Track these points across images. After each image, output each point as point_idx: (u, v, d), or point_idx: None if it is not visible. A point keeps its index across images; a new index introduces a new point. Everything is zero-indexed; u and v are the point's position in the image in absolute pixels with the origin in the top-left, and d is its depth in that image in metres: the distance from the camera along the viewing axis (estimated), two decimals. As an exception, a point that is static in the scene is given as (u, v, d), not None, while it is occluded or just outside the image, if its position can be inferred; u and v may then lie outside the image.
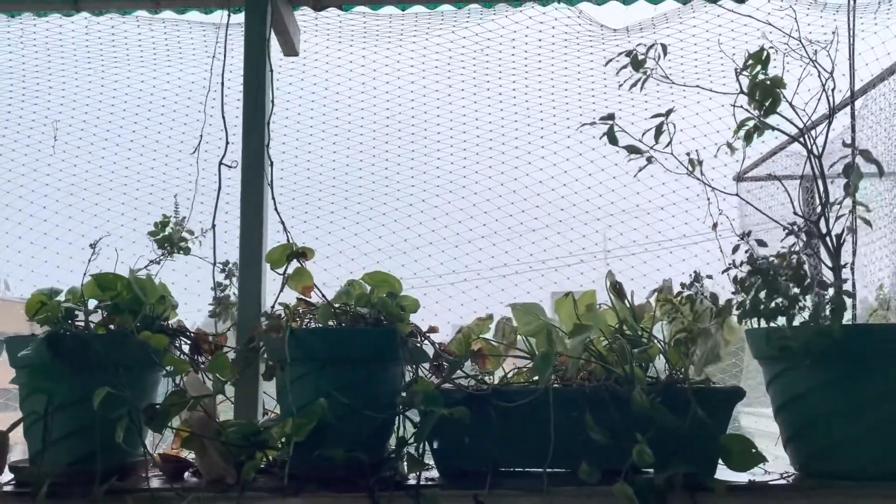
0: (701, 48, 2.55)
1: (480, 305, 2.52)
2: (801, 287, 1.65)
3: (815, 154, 1.99)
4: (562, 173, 2.58)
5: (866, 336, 1.69)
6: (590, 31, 2.56)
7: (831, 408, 1.65)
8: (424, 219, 2.47)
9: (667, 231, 2.64)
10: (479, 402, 1.68)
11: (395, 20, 2.60)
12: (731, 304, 1.70)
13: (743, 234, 1.71)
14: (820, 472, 1.69)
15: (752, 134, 1.99)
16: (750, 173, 3.76)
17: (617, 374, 1.70)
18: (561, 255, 2.59)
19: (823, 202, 1.89)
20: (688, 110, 2.49)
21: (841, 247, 1.86)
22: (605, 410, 1.64)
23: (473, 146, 2.54)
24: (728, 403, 1.72)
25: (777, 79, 1.97)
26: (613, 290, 1.96)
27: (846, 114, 3.36)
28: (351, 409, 1.67)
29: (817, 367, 1.65)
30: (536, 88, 2.55)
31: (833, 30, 2.31)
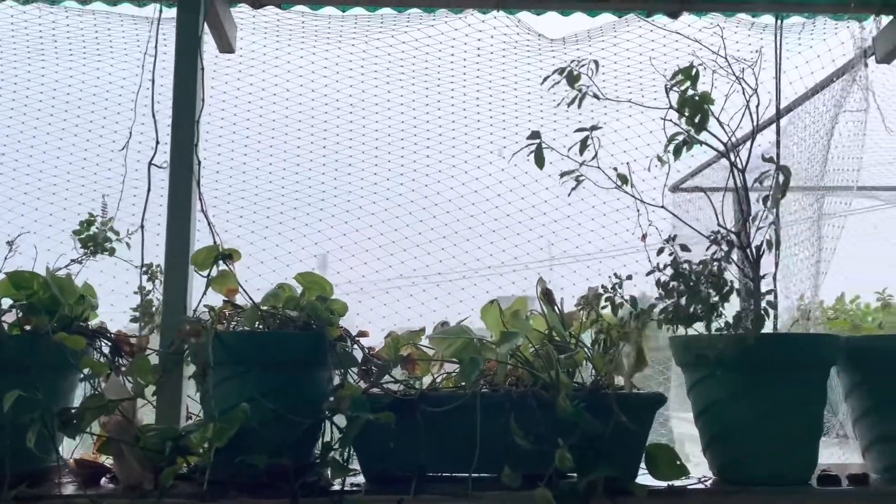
0: (634, 62, 2.61)
1: (427, 309, 2.52)
2: (721, 294, 1.69)
3: (739, 168, 2.05)
4: (508, 179, 2.59)
5: (781, 345, 1.75)
6: (528, 40, 2.60)
7: (748, 414, 1.70)
8: (361, 225, 2.45)
9: (610, 238, 2.67)
10: (406, 407, 1.68)
11: (334, 21, 2.58)
12: (653, 309, 1.74)
13: (668, 237, 1.76)
14: (737, 477, 1.73)
15: (681, 148, 2.03)
16: (688, 184, 3.86)
17: (543, 380, 1.72)
18: (507, 261, 2.61)
19: (745, 215, 1.95)
20: (620, 123, 2.55)
21: (761, 258, 1.92)
22: (530, 416, 1.66)
23: (411, 152, 2.54)
24: (650, 409, 1.76)
25: (706, 95, 2.02)
26: (543, 296, 1.98)
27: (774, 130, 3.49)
28: (276, 413, 1.64)
29: (734, 374, 1.70)
30: (475, 97, 2.56)
31: (758, 48, 2.40)
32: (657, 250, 1.76)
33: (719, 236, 1.75)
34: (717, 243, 1.75)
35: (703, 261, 1.73)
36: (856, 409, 1.86)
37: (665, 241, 1.76)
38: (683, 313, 1.68)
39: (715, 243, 1.75)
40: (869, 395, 1.81)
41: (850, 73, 2.92)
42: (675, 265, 1.72)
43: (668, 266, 1.74)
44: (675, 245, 1.75)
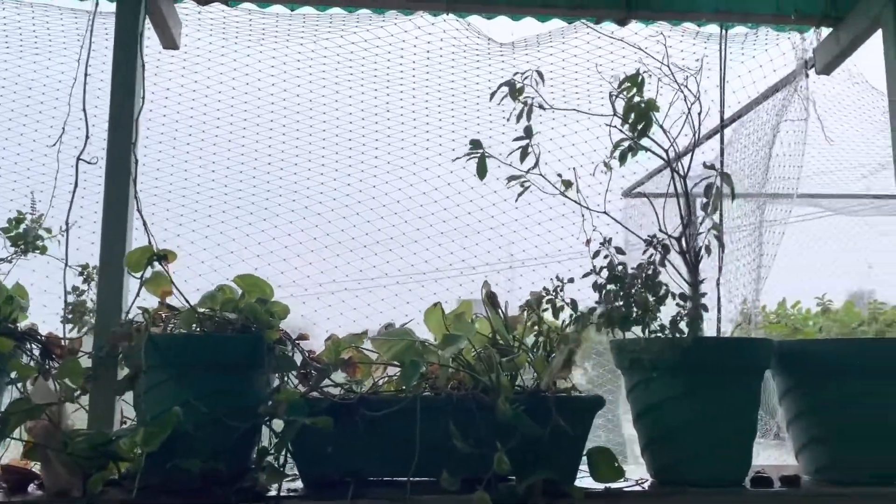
0: (582, 68, 2.64)
1: (374, 311, 2.49)
2: (657, 298, 1.72)
3: (681, 174, 2.08)
4: (457, 182, 2.58)
5: (716, 349, 1.78)
6: (477, 44, 2.60)
7: (683, 417, 1.73)
8: (307, 226, 2.42)
9: (563, 241, 2.68)
10: (345, 411, 1.66)
11: (282, 20, 2.55)
12: (592, 312, 1.76)
13: (604, 240, 1.77)
14: (673, 479, 1.76)
15: (626, 154, 2.06)
16: (641, 188, 3.91)
17: (484, 383, 1.72)
18: (455, 263, 2.60)
19: (685, 220, 1.98)
20: (568, 129, 2.57)
21: (699, 262, 1.95)
22: (470, 419, 1.65)
23: (359, 153, 2.51)
24: (589, 412, 1.77)
25: (651, 102, 2.04)
26: (488, 300, 1.98)
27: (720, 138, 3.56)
28: (211, 418, 1.61)
29: (671, 378, 1.72)
30: (424, 99, 2.55)
31: (700, 57, 2.45)
32: (593, 254, 1.77)
33: (655, 240, 1.78)
34: (654, 247, 1.77)
35: (640, 264, 1.75)
36: (789, 411, 1.90)
37: (601, 244, 1.77)
38: (619, 317, 1.69)
39: (651, 247, 1.77)
40: (801, 399, 1.85)
41: (791, 84, 2.99)
42: (612, 269, 1.74)
43: (604, 269, 1.75)
44: (611, 248, 1.77)
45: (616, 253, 1.77)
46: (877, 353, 1.83)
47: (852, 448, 1.77)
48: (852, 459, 1.77)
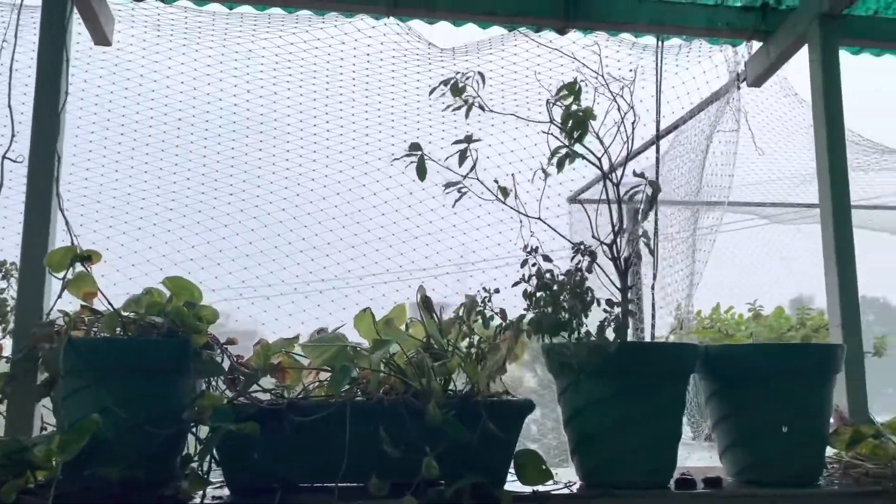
0: (522, 75, 2.66)
1: (309, 317, 2.47)
2: (583, 304, 1.74)
3: (614, 182, 2.11)
4: (396, 187, 2.58)
5: (642, 353, 1.81)
6: (418, 48, 2.60)
7: (610, 421, 1.75)
8: (242, 229, 2.38)
9: (519, 242, 2.68)
10: (273, 417, 1.64)
11: (219, 18, 2.51)
12: (522, 318, 1.78)
13: (530, 249, 1.79)
14: (600, 482, 1.79)
15: (564, 161, 2.08)
16: (588, 194, 3.98)
17: (415, 388, 1.72)
18: (391, 269, 2.60)
19: (616, 227, 2.02)
20: (507, 136, 2.59)
21: (628, 269, 1.99)
22: (401, 424, 1.65)
23: (297, 156, 2.49)
24: (519, 416, 1.78)
25: (588, 110, 2.07)
26: (423, 304, 1.98)
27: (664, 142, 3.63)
28: (132, 424, 1.57)
29: (598, 382, 1.75)
30: (363, 102, 2.54)
31: (636, 68, 2.50)
32: (521, 262, 1.79)
33: (582, 247, 1.80)
34: (581, 254, 1.80)
35: (568, 271, 1.78)
36: (714, 415, 1.95)
37: (528, 252, 1.79)
38: (548, 323, 1.71)
39: (578, 254, 1.80)
40: (724, 402, 1.90)
41: (725, 96, 3.09)
42: (540, 276, 1.76)
43: (532, 277, 1.77)
44: (538, 256, 1.79)
45: (543, 260, 1.79)
46: (793, 357, 1.89)
47: (771, 450, 1.82)
48: (771, 461, 1.82)
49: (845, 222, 2.31)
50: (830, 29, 2.46)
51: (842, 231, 2.31)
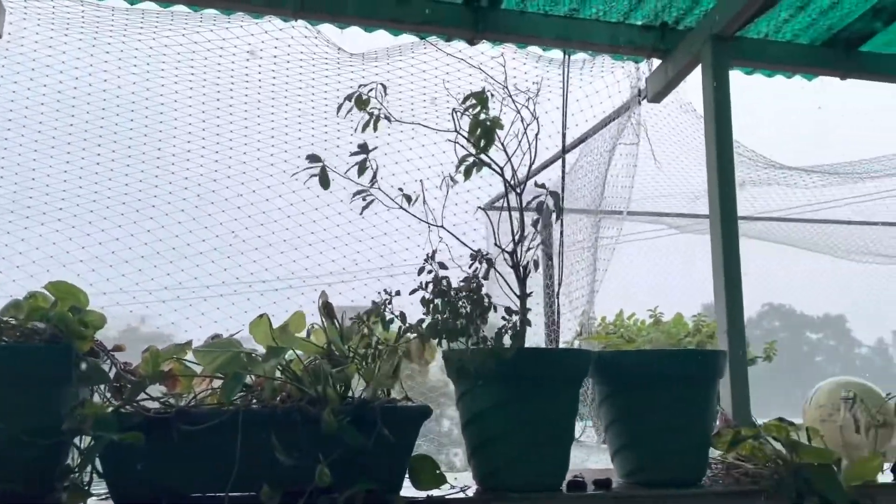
0: (430, 84, 2.69)
1: (207, 321, 2.41)
2: (480, 310, 1.77)
3: (517, 191, 2.15)
4: (301, 189, 2.55)
5: (536, 359, 1.85)
6: (327, 52, 2.59)
7: (505, 425, 1.79)
8: (138, 230, 2.30)
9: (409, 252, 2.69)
10: (160, 426, 1.59)
11: (119, 14, 2.42)
12: (421, 323, 1.79)
13: (427, 256, 1.81)
14: (495, 485, 1.81)
15: (471, 169, 2.11)
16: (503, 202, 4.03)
17: (310, 395, 1.70)
18: (297, 272, 2.56)
19: (518, 235, 2.06)
20: (416, 142, 2.61)
21: (527, 276, 2.03)
22: (295, 432, 1.63)
23: (198, 156, 2.43)
24: (415, 421, 1.79)
25: (495, 119, 2.10)
26: (324, 310, 1.97)
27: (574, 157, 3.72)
28: (9, 435, 1.49)
29: (493, 387, 1.78)
30: (269, 104, 2.50)
31: (541, 79, 2.56)
32: (418, 269, 1.81)
33: (480, 255, 1.83)
34: (479, 261, 1.82)
35: (466, 277, 1.81)
36: (606, 418, 2.01)
37: (425, 260, 1.81)
38: (445, 329, 1.73)
39: (476, 261, 1.83)
40: (615, 406, 1.96)
41: (628, 110, 3.20)
42: (437, 283, 1.78)
43: (429, 284, 1.79)
44: (435, 264, 1.81)
45: (440, 268, 1.81)
46: (678, 363, 1.98)
47: (658, 452, 1.90)
48: (658, 463, 1.90)
49: (732, 233, 2.43)
50: (722, 50, 2.59)
51: (728, 241, 2.43)
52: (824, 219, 5.26)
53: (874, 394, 2.18)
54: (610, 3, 2.75)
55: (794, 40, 3.02)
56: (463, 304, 1.78)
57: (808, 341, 39.39)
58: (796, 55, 3.02)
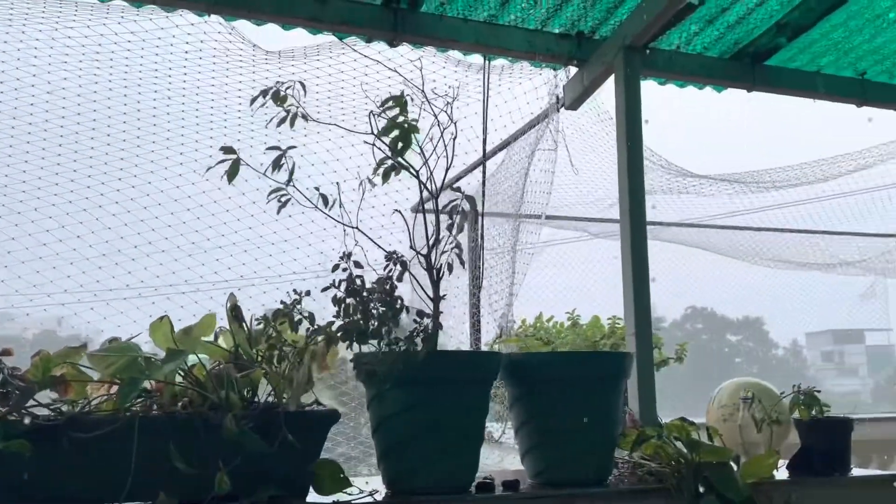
0: (349, 85, 2.66)
1: (127, 320, 2.31)
2: (393, 312, 1.76)
3: (434, 195, 2.15)
4: (213, 190, 2.48)
5: (445, 361, 1.85)
6: (241, 49, 2.53)
7: (415, 428, 1.78)
8: (36, 230, 2.19)
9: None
10: (50, 434, 1.52)
11: (19, 2, 2.30)
12: (331, 324, 1.76)
13: (343, 254, 1.79)
14: (404, 488, 1.80)
15: (389, 172, 2.10)
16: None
17: (212, 401, 1.66)
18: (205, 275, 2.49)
19: (433, 238, 2.06)
20: (333, 143, 2.57)
21: (440, 279, 2.03)
22: (196, 438, 1.59)
23: (103, 153, 2.33)
24: (323, 426, 1.77)
25: (413, 124, 2.10)
26: (232, 313, 1.92)
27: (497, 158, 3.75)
28: None
29: (403, 391, 1.77)
30: (181, 102, 2.43)
31: (459, 83, 2.57)
32: (332, 267, 1.79)
33: (394, 256, 1.82)
34: (393, 263, 1.81)
35: (379, 279, 1.79)
36: (516, 420, 2.03)
37: (340, 258, 1.79)
38: (356, 330, 1.71)
39: (390, 262, 1.81)
40: (525, 408, 1.98)
41: (548, 117, 3.25)
42: (351, 283, 1.76)
43: (343, 283, 1.77)
44: (350, 263, 1.79)
45: (355, 267, 1.79)
46: (585, 365, 2.01)
47: (565, 452, 1.93)
48: (565, 463, 1.93)
49: (641, 238, 2.49)
50: (633, 60, 2.66)
51: (637, 246, 2.49)
52: (737, 225, 5.48)
53: (772, 393, 2.28)
54: (528, 11, 2.79)
55: (704, 53, 3.13)
56: (375, 305, 1.77)
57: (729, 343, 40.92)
58: (706, 67, 3.13)
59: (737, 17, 2.92)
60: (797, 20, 2.97)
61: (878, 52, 3.24)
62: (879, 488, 2.20)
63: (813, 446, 2.18)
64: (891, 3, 2.94)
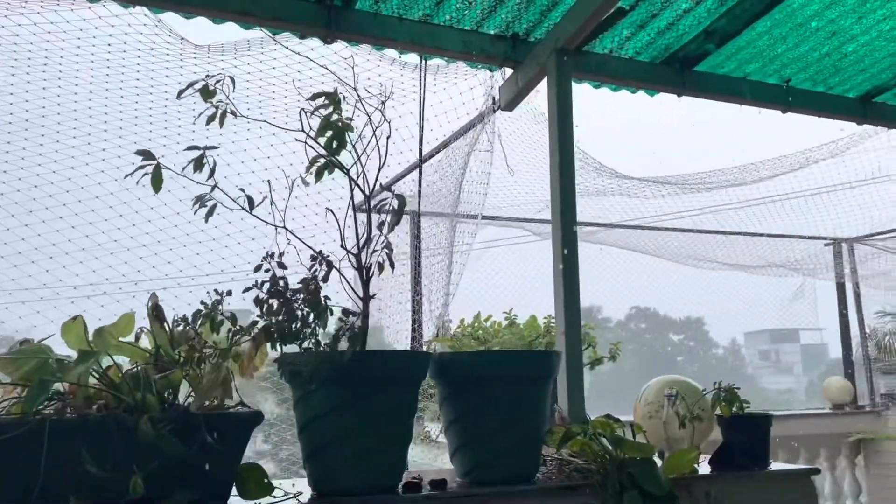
0: (280, 81, 2.62)
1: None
2: (318, 313, 1.74)
3: (366, 194, 2.14)
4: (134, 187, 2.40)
5: (369, 362, 1.83)
6: (168, 42, 2.46)
7: (341, 429, 1.76)
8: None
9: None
10: (-50, 439, 1.45)
11: (-72, -11, 2.20)
12: (254, 325, 1.73)
13: (266, 254, 1.76)
14: (330, 490, 1.78)
15: (322, 171, 2.07)
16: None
17: (127, 403, 1.61)
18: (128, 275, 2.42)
19: (365, 238, 2.04)
20: (264, 141, 2.53)
21: (370, 279, 2.02)
22: (110, 441, 1.54)
23: (20, 148, 2.24)
24: (245, 428, 1.73)
25: (348, 122, 2.08)
26: (153, 313, 1.87)
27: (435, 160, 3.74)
28: None
29: (329, 391, 1.75)
30: (104, 96, 2.35)
31: (392, 82, 2.56)
32: (255, 267, 1.76)
33: (320, 257, 1.80)
34: (319, 263, 1.79)
35: (304, 279, 1.77)
36: (445, 419, 2.03)
37: (263, 258, 1.76)
38: (279, 332, 1.69)
39: (315, 262, 1.79)
40: (453, 407, 1.99)
41: (485, 118, 3.27)
42: (274, 283, 1.73)
43: (265, 284, 1.74)
44: (273, 263, 1.76)
45: (278, 267, 1.77)
46: (512, 364, 2.02)
47: (492, 451, 1.93)
48: (492, 461, 1.94)
49: (571, 238, 2.52)
50: (565, 62, 2.69)
51: (568, 246, 2.52)
52: (670, 227, 5.62)
53: (695, 391, 2.33)
54: (463, 11, 2.79)
55: (636, 57, 3.19)
56: (300, 305, 1.74)
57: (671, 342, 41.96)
58: (638, 72, 3.20)
59: (667, 22, 2.99)
60: (724, 27, 3.05)
61: (802, 60, 3.36)
62: (796, 482, 2.27)
63: (733, 442, 2.24)
64: (812, 13, 3.05)
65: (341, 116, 2.10)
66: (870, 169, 4.71)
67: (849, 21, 3.07)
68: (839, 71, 3.44)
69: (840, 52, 3.30)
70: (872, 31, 3.15)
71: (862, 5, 2.98)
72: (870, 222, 5.94)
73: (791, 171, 4.41)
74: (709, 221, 5.64)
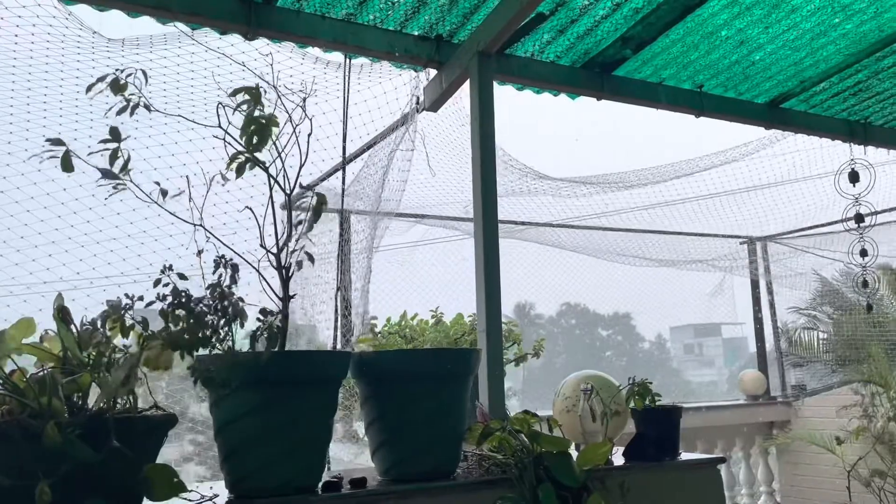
0: (199, 76, 2.57)
1: None
2: (226, 318, 1.72)
3: (287, 192, 2.13)
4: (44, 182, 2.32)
5: (286, 363, 1.82)
6: (80, 35, 2.38)
7: (258, 430, 1.75)
8: None
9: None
10: None
11: None
12: (163, 332, 1.70)
13: (164, 267, 1.73)
14: (247, 491, 1.77)
15: (243, 167, 2.05)
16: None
17: (32, 408, 1.56)
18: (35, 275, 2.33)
19: (285, 237, 2.03)
20: (182, 136, 2.48)
21: (290, 278, 2.01)
22: (14, 447, 1.49)
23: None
24: (159, 431, 1.70)
25: (271, 118, 2.06)
26: (59, 315, 1.81)
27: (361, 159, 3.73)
28: None
29: (245, 393, 1.74)
30: (10, 89, 2.26)
31: (314, 80, 2.54)
32: (154, 281, 1.73)
33: (223, 260, 1.78)
34: (224, 267, 1.77)
35: (211, 285, 1.75)
36: (366, 418, 2.04)
37: (161, 271, 1.73)
38: (185, 342, 1.66)
39: (220, 266, 1.77)
40: (374, 406, 2.00)
41: (409, 118, 3.28)
42: (176, 295, 1.70)
43: (167, 296, 1.71)
44: (173, 275, 1.73)
45: (179, 279, 1.74)
46: (431, 362, 2.05)
47: (412, 448, 1.96)
48: (412, 458, 1.96)
49: (492, 236, 2.57)
50: (486, 65, 2.74)
51: (489, 244, 2.57)
52: (593, 225, 5.77)
53: (611, 385, 2.41)
54: (386, 12, 2.80)
55: (557, 61, 3.27)
56: (209, 312, 1.72)
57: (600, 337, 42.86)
58: (559, 75, 3.27)
59: (585, 28, 3.07)
60: (640, 34, 3.16)
61: (714, 67, 3.51)
62: (704, 470, 2.39)
63: (646, 433, 2.33)
64: (722, 22, 3.19)
65: (263, 111, 2.08)
66: (779, 172, 4.95)
67: (756, 31, 3.22)
68: (748, 78, 3.61)
69: (749, 60, 3.46)
70: (778, 40, 3.31)
71: (768, 16, 3.13)
72: (782, 222, 6.24)
73: (706, 169, 4.60)
74: (632, 220, 5.82)
